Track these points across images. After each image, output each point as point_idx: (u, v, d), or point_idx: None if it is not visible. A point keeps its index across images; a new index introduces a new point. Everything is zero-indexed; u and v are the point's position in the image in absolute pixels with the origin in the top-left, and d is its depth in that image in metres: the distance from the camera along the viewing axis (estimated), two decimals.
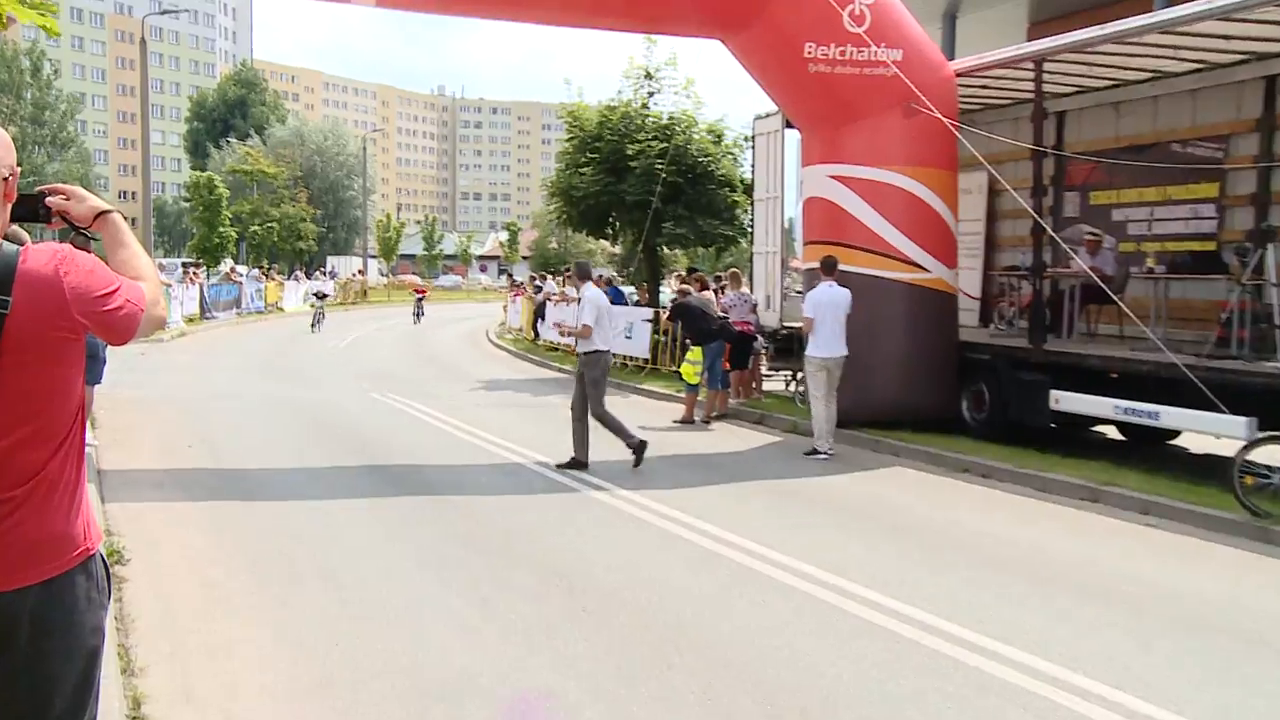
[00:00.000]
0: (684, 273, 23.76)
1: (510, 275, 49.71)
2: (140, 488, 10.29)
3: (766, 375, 18.81)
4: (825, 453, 12.84)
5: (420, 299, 43.37)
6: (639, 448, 11.81)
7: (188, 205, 69.39)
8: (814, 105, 14.30)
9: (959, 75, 14.46)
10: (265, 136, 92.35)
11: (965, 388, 14.15)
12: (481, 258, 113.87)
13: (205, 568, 7.60)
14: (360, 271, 67.31)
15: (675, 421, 15.81)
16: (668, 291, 24.65)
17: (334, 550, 8.07)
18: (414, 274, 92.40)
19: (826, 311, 12.81)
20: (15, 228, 3.15)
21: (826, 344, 12.84)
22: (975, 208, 17.41)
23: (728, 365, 16.69)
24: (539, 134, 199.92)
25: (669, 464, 12.37)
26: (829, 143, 14.27)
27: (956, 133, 13.74)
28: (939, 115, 13.57)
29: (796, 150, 15.87)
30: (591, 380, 11.87)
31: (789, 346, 17.09)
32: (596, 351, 11.90)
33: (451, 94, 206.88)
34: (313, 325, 34.82)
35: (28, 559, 2.59)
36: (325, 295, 39.21)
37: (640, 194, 22.54)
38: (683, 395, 16.48)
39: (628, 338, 22.11)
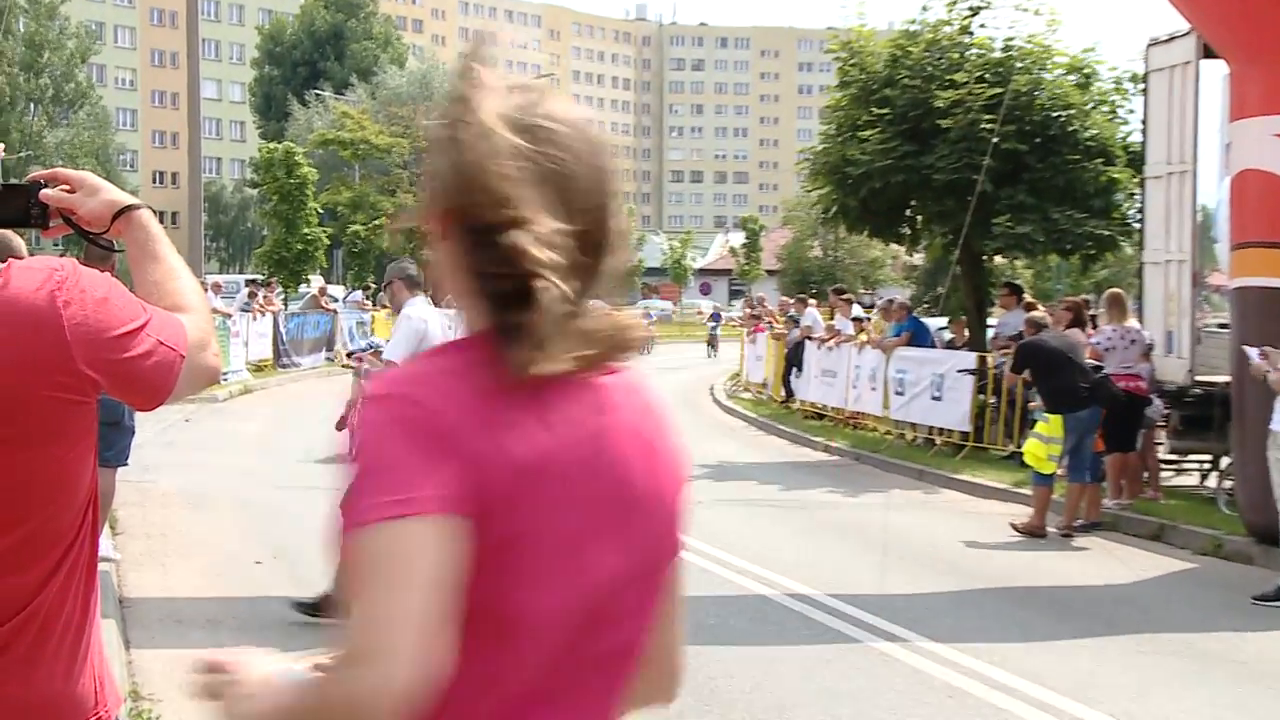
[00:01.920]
0: (1008, 288, 23.47)
1: (750, 299, 49.86)
2: (184, 626, 10.66)
3: (1168, 462, 18.34)
4: None
5: None
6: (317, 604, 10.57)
7: (255, 193, 72.42)
8: (1254, 17, 13.96)
9: None
10: (373, 87, 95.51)
11: None
12: (704, 272, 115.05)
13: None
14: None
15: (1016, 530, 15.53)
16: (1000, 324, 24.31)
17: None
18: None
19: None
20: (3, 233, 3.28)
21: None
22: None
23: (1102, 445, 16.32)
24: (793, 78, 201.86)
25: (1004, 600, 12.22)
26: None
27: None
28: None
29: (1221, 95, 15.59)
30: None
31: (1207, 414, 16.54)
32: None
33: (656, 17, 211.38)
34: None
35: None
36: (371, 346, 22.23)
37: (957, 171, 22.36)
38: (1028, 491, 16.20)
39: (935, 398, 21.90)
